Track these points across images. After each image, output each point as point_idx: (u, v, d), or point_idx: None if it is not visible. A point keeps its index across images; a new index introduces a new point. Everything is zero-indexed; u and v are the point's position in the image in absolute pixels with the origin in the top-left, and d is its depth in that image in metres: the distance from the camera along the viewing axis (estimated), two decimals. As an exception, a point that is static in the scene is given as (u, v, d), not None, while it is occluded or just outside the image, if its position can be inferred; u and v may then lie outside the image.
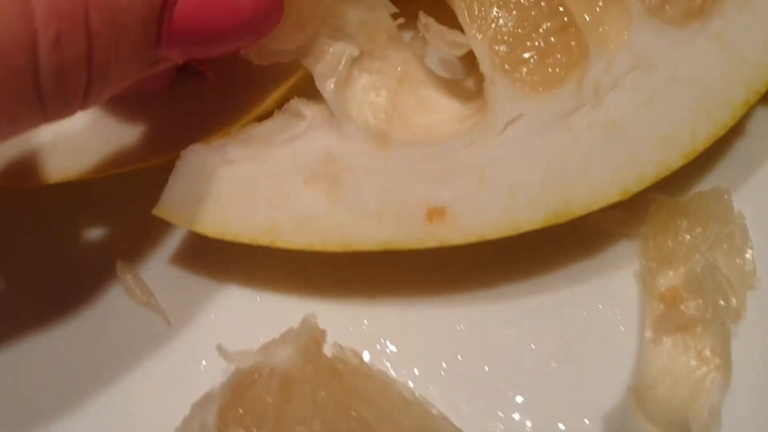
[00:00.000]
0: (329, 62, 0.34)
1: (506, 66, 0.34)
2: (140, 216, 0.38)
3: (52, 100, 0.24)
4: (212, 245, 0.38)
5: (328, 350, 0.35)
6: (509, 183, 0.34)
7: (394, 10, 0.34)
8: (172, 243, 0.40)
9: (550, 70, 0.34)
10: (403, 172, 0.34)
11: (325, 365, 0.34)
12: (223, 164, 0.35)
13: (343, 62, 0.34)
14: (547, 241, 0.38)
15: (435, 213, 0.34)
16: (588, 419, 0.35)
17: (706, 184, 0.40)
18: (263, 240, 0.35)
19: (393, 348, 0.38)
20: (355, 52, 0.34)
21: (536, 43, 0.34)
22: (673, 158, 0.34)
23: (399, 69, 0.36)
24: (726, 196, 0.39)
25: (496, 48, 0.34)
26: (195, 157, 0.35)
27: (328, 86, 0.34)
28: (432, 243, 0.34)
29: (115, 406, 0.37)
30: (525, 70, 0.34)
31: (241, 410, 0.32)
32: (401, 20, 0.35)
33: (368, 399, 0.33)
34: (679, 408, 0.33)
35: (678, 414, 0.33)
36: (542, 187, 0.33)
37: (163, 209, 0.35)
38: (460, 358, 0.37)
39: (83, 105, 0.26)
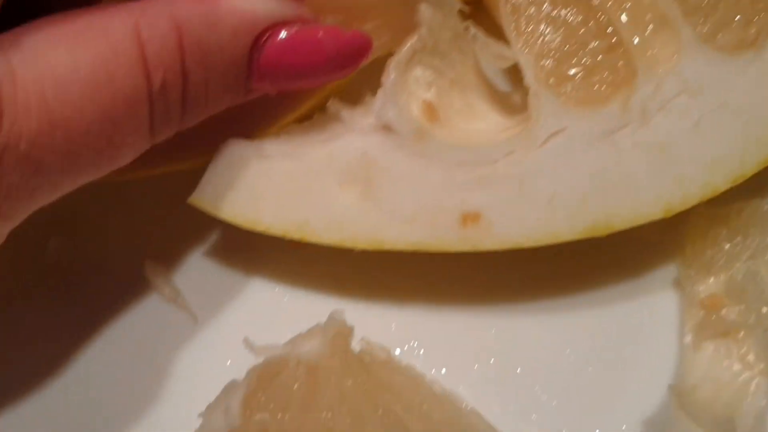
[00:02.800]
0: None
1: (551, 80, 0.34)
2: (170, 215, 0.39)
3: (158, 131, 0.30)
4: (241, 243, 0.38)
5: (355, 346, 0.34)
6: (549, 194, 0.33)
7: (460, 6, 0.35)
8: (201, 241, 0.40)
9: (596, 87, 0.34)
10: (439, 176, 0.34)
11: (352, 358, 0.33)
12: (260, 159, 0.36)
13: (404, 49, 0.34)
14: (584, 248, 0.37)
15: (469, 218, 0.34)
16: (626, 425, 0.34)
17: (745, 195, 0.39)
18: (294, 234, 0.35)
19: (421, 351, 0.37)
20: (419, 44, 0.34)
21: (583, 61, 0.34)
22: (720, 181, 0.33)
23: (455, 70, 0.36)
24: (766, 207, 0.38)
25: (542, 63, 0.34)
26: (233, 150, 0.36)
27: (388, 70, 0.34)
28: (465, 247, 0.34)
29: (142, 400, 0.37)
30: (570, 85, 0.34)
31: (265, 396, 0.32)
32: (469, 22, 0.35)
33: (396, 391, 0.32)
34: (723, 411, 0.32)
35: (722, 414, 0.31)
36: (583, 201, 0.33)
37: (198, 198, 0.35)
38: (492, 362, 0.36)
39: (181, 127, 0.31)
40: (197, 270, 0.39)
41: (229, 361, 0.37)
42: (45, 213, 0.33)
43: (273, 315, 0.38)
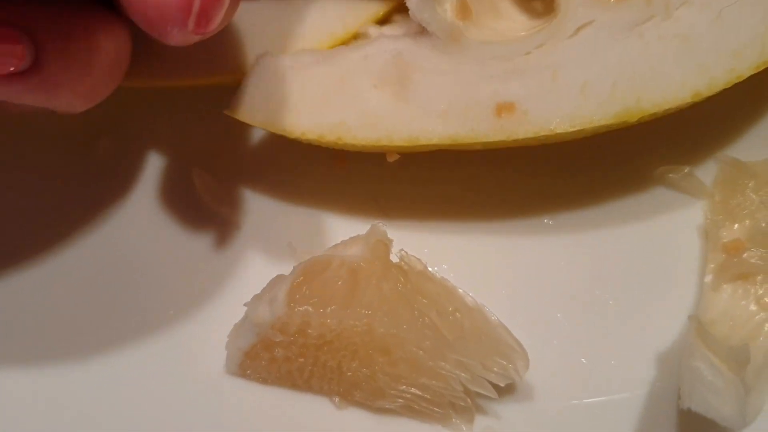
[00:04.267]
0: None
1: None
2: (219, 126, 0.40)
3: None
4: (283, 159, 0.40)
5: (393, 258, 0.36)
6: (581, 82, 0.35)
7: None
8: (248, 154, 0.42)
9: None
10: (472, 70, 0.36)
11: (392, 264, 0.35)
12: (296, 68, 0.37)
13: None
14: (615, 193, 0.39)
15: (504, 108, 0.35)
16: (642, 357, 0.36)
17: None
18: (330, 136, 0.36)
19: (451, 275, 0.38)
20: None
21: None
22: (744, 67, 0.35)
23: None
24: (795, 163, 0.39)
25: None
26: (269, 62, 0.37)
27: None
28: (500, 136, 0.35)
29: (187, 296, 0.38)
30: None
31: (309, 290, 0.33)
32: None
33: (431, 298, 0.34)
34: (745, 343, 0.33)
35: (737, 344, 0.33)
36: (614, 87, 0.34)
37: (235, 108, 0.37)
38: (519, 286, 0.38)
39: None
40: (243, 181, 0.41)
41: (271, 266, 0.39)
42: (98, 113, 0.35)
43: (315, 227, 0.40)
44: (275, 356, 0.34)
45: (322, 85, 0.37)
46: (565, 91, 0.34)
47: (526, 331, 0.35)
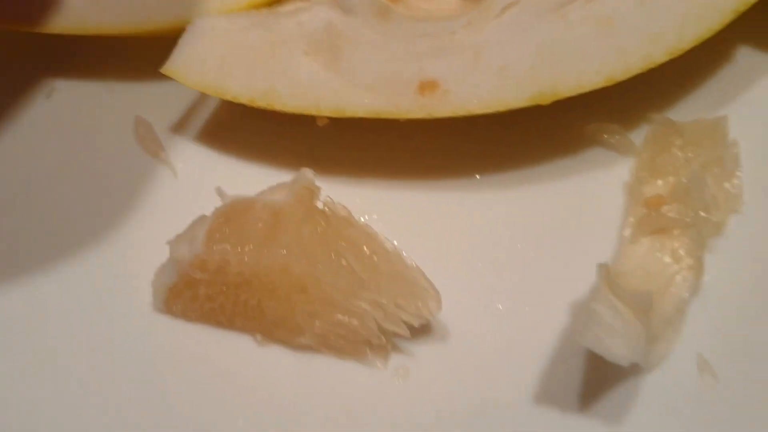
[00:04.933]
0: None
1: None
2: (165, 77, 0.41)
3: None
4: (224, 110, 0.41)
5: (319, 204, 0.37)
6: (501, 63, 0.36)
7: None
8: (190, 100, 0.43)
9: None
10: (400, 46, 0.37)
11: (315, 210, 0.36)
12: (230, 31, 0.38)
13: None
14: (546, 150, 0.40)
15: (427, 86, 0.36)
16: (554, 305, 0.37)
17: (705, 111, 0.41)
18: (261, 102, 0.37)
19: (380, 225, 0.39)
20: None
21: None
22: (659, 54, 0.35)
23: None
24: (723, 123, 0.40)
25: None
26: (205, 23, 0.38)
27: None
28: (421, 114, 0.36)
29: (116, 235, 0.39)
30: None
31: (229, 230, 0.34)
32: None
33: (351, 242, 0.35)
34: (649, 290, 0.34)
35: (642, 290, 0.33)
36: (531, 70, 0.36)
37: (170, 68, 0.38)
38: (443, 235, 0.39)
39: None
40: (182, 130, 0.42)
41: (203, 209, 0.40)
42: (49, 58, 0.35)
43: (248, 175, 0.41)
44: (198, 294, 0.35)
45: (255, 50, 0.38)
46: (485, 73, 0.35)
47: (446, 278, 0.36)
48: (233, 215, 0.35)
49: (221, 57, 0.38)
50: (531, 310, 0.36)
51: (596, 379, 0.34)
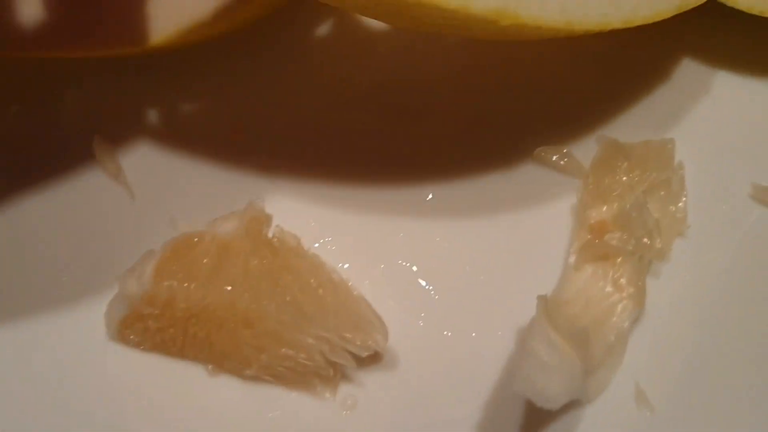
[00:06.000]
0: None
1: None
2: (124, 97, 0.41)
3: None
4: (184, 131, 0.41)
5: (270, 233, 0.37)
6: None
7: None
8: (149, 124, 0.43)
9: None
10: None
11: (263, 241, 0.36)
12: None
13: None
14: (494, 171, 0.40)
15: None
16: (501, 331, 0.37)
17: (652, 133, 0.42)
18: None
19: (333, 247, 0.40)
20: None
21: None
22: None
23: None
24: (670, 146, 0.40)
25: None
26: None
27: None
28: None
29: (70, 264, 0.40)
30: None
31: (177, 266, 0.35)
32: None
33: (297, 274, 0.35)
34: (585, 325, 0.35)
35: (581, 325, 0.34)
36: None
37: None
38: (396, 261, 0.40)
39: None
40: (142, 151, 0.42)
41: (156, 237, 0.40)
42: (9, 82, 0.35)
43: (205, 201, 0.41)
44: (148, 327, 0.36)
45: None
46: None
47: (394, 304, 0.37)
48: (181, 250, 0.35)
49: None
50: (478, 337, 0.37)
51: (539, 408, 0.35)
